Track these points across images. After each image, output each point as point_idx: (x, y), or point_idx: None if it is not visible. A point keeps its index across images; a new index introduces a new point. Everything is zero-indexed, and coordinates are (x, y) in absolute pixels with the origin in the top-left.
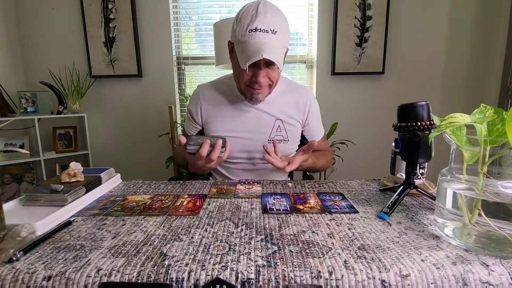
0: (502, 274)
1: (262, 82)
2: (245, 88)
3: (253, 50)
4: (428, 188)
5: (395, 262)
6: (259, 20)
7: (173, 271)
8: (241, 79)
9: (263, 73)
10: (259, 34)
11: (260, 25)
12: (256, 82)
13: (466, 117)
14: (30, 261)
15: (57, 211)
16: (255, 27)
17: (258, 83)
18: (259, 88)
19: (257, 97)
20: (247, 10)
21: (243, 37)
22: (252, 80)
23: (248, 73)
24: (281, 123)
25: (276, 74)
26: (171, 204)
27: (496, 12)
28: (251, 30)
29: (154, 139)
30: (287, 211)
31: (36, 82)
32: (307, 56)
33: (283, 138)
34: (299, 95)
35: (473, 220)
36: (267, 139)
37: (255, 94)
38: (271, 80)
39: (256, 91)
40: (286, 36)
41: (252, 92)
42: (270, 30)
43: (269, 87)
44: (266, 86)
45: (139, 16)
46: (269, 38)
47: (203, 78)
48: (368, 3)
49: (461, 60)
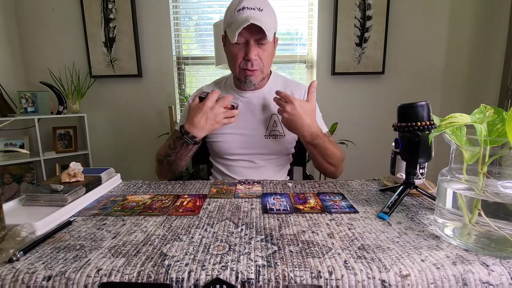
0: (502, 274)
1: (253, 59)
2: (239, 72)
3: (241, 21)
4: (428, 188)
5: (395, 262)
6: (245, 1)
7: (173, 271)
8: (235, 63)
9: (255, 51)
10: (246, 11)
11: (246, 4)
12: (248, 60)
13: (466, 117)
14: (30, 261)
15: (57, 211)
16: (242, 6)
17: (250, 60)
18: (252, 67)
19: (251, 79)
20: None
21: (231, 18)
22: (245, 60)
23: (241, 53)
24: (277, 118)
25: (267, 55)
26: (171, 204)
27: (496, 12)
28: (239, 10)
29: (154, 139)
30: (287, 211)
31: (36, 82)
32: (307, 56)
33: (279, 133)
34: (295, 90)
35: (473, 220)
36: (264, 134)
37: (248, 76)
38: (262, 61)
39: (249, 72)
40: (273, 16)
41: (246, 74)
42: (257, 7)
43: (261, 72)
44: (258, 68)
45: (139, 16)
46: (256, 13)
47: (203, 78)
48: (368, 3)
49: (461, 60)
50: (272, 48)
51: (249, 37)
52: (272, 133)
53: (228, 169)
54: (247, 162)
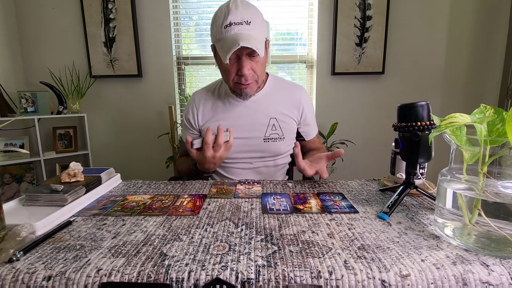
0: (502, 274)
1: (247, 75)
2: (233, 85)
3: (230, 42)
4: (428, 188)
5: (395, 262)
6: (232, 14)
7: (173, 271)
8: (229, 77)
9: (247, 65)
10: (234, 27)
11: (233, 19)
12: (242, 75)
13: (466, 117)
14: (30, 261)
15: (57, 211)
16: (229, 22)
17: (243, 75)
18: (246, 82)
19: (246, 91)
20: (220, 9)
21: (220, 34)
22: (238, 75)
23: (233, 68)
24: (275, 121)
25: (260, 66)
26: (171, 204)
27: (496, 12)
28: (226, 26)
29: (154, 139)
30: (287, 211)
31: (36, 82)
32: (307, 56)
33: (278, 136)
34: (292, 92)
35: (473, 220)
36: (263, 138)
37: (244, 89)
38: (256, 73)
39: (244, 86)
40: (262, 26)
41: (241, 88)
42: (244, 21)
43: (256, 83)
44: (253, 81)
45: (139, 16)
46: (244, 29)
47: (203, 78)
48: (368, 3)
49: (461, 60)
50: (264, 56)
51: (240, 52)
52: (272, 136)
53: (226, 171)
54: (246, 164)
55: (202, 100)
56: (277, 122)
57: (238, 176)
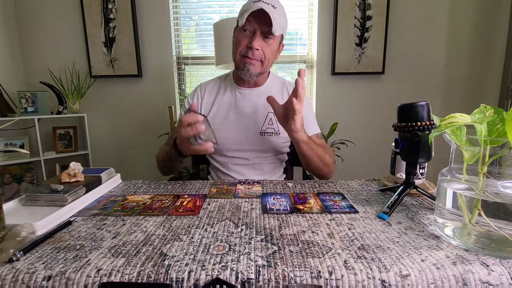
0: (502, 274)
1: (255, 49)
2: (239, 59)
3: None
4: (428, 188)
5: (395, 262)
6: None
7: (173, 271)
8: (237, 48)
9: (259, 42)
10: (261, 3)
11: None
12: (250, 48)
13: (466, 117)
14: (30, 261)
15: (57, 211)
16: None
17: (252, 48)
18: (252, 56)
19: (249, 67)
20: None
21: (247, 6)
22: (247, 47)
23: (245, 40)
24: (273, 116)
25: (269, 51)
26: (171, 204)
27: (496, 12)
28: (255, 1)
29: (154, 139)
30: (287, 211)
31: (36, 82)
32: (307, 56)
33: (274, 131)
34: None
35: (473, 220)
36: (259, 131)
37: (247, 64)
38: (264, 54)
39: (249, 60)
40: (284, 19)
41: (245, 61)
42: (271, 4)
43: (261, 64)
44: (259, 60)
45: (139, 16)
46: (270, 8)
47: (203, 78)
48: (368, 3)
49: (461, 60)
50: (276, 46)
51: (257, 27)
52: (268, 130)
53: (224, 166)
54: (243, 159)
55: (206, 89)
56: (274, 116)
57: (236, 172)
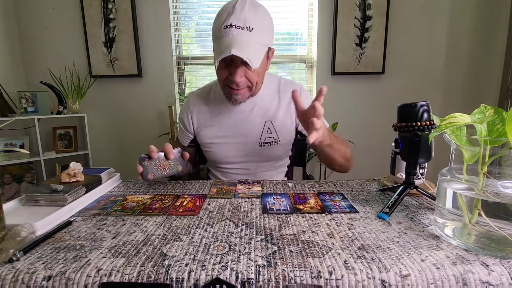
0: (502, 274)
1: (238, 82)
2: (223, 88)
3: (224, 47)
4: (428, 188)
5: (395, 262)
6: (235, 16)
7: (173, 271)
8: (220, 77)
9: (240, 73)
10: (233, 30)
11: (235, 22)
12: (232, 81)
13: (466, 117)
14: (30, 261)
15: (57, 211)
16: (229, 23)
17: (234, 82)
18: (237, 88)
19: (236, 97)
20: (226, 6)
21: (218, 33)
22: (229, 79)
23: (225, 72)
24: (270, 124)
25: (255, 75)
26: (171, 204)
27: (496, 12)
28: (226, 26)
29: (154, 139)
30: (287, 211)
31: (36, 82)
32: (307, 56)
33: (274, 139)
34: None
35: (473, 220)
36: (258, 142)
37: (234, 94)
38: (250, 81)
39: (234, 91)
40: (265, 34)
41: (231, 92)
42: (246, 27)
43: (249, 89)
44: (245, 87)
45: (139, 16)
46: (243, 34)
47: (203, 78)
48: (368, 3)
49: (461, 60)
50: (263, 65)
51: (235, 58)
52: (267, 140)
53: (224, 176)
54: (243, 170)
55: (196, 104)
56: (272, 125)
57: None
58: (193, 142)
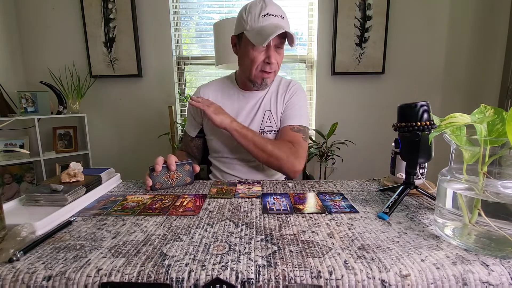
0: (502, 274)
1: (274, 63)
2: (256, 74)
3: (271, 28)
4: (428, 188)
5: (395, 262)
6: (270, 7)
7: (173, 271)
8: (253, 64)
9: (275, 55)
10: (272, 17)
11: (272, 11)
12: (269, 63)
13: (466, 117)
14: (30, 261)
15: (57, 211)
16: (267, 13)
17: (271, 63)
18: (270, 70)
19: (267, 81)
20: (254, 2)
21: (256, 22)
22: (265, 63)
23: (261, 56)
24: (270, 114)
25: (281, 59)
26: (171, 204)
27: (496, 12)
28: (264, 15)
29: (154, 139)
30: (287, 211)
31: (36, 82)
32: (307, 56)
33: (272, 129)
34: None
35: (473, 220)
36: (258, 130)
37: (265, 78)
38: (278, 64)
39: (267, 74)
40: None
41: (263, 76)
42: (279, 15)
43: (275, 74)
44: (274, 71)
45: (139, 16)
46: (280, 21)
47: (203, 78)
48: (368, 3)
49: (461, 60)
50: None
51: (271, 42)
52: (266, 128)
53: (225, 166)
54: (243, 160)
55: (206, 92)
56: (271, 114)
57: (237, 171)
58: (201, 132)
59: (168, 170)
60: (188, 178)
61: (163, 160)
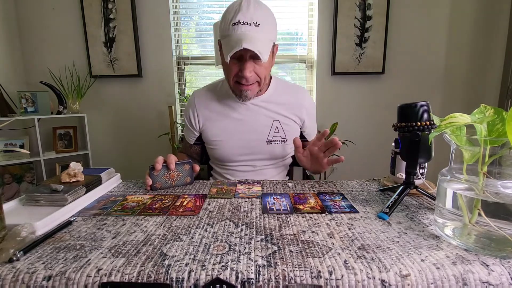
0: (502, 274)
1: (248, 77)
2: (234, 85)
3: (234, 42)
4: (428, 188)
5: (395, 262)
6: (242, 13)
7: (173, 271)
8: (229, 75)
9: (249, 68)
10: (241, 26)
11: (242, 18)
12: (242, 76)
13: (466, 117)
14: (30, 261)
15: (57, 211)
16: (237, 20)
17: (244, 77)
18: (247, 83)
19: (246, 94)
20: (232, 5)
21: (226, 31)
22: (239, 75)
23: (235, 68)
24: (278, 124)
25: (263, 70)
26: (171, 204)
27: (496, 12)
28: (234, 24)
29: (154, 139)
30: (287, 211)
31: (36, 82)
32: (307, 56)
33: (281, 138)
34: (295, 96)
35: (473, 220)
36: (265, 140)
37: (244, 90)
38: (259, 76)
39: (244, 87)
40: (271, 29)
41: (241, 88)
42: (253, 23)
43: (258, 84)
44: (255, 83)
45: (139, 16)
46: (251, 30)
47: (203, 78)
48: (368, 3)
49: (461, 60)
50: (270, 60)
51: (244, 53)
52: (274, 138)
53: (228, 173)
54: (248, 166)
55: (202, 101)
56: (280, 124)
57: (239, 177)
58: (199, 140)
59: (168, 170)
60: (188, 177)
61: (163, 160)
